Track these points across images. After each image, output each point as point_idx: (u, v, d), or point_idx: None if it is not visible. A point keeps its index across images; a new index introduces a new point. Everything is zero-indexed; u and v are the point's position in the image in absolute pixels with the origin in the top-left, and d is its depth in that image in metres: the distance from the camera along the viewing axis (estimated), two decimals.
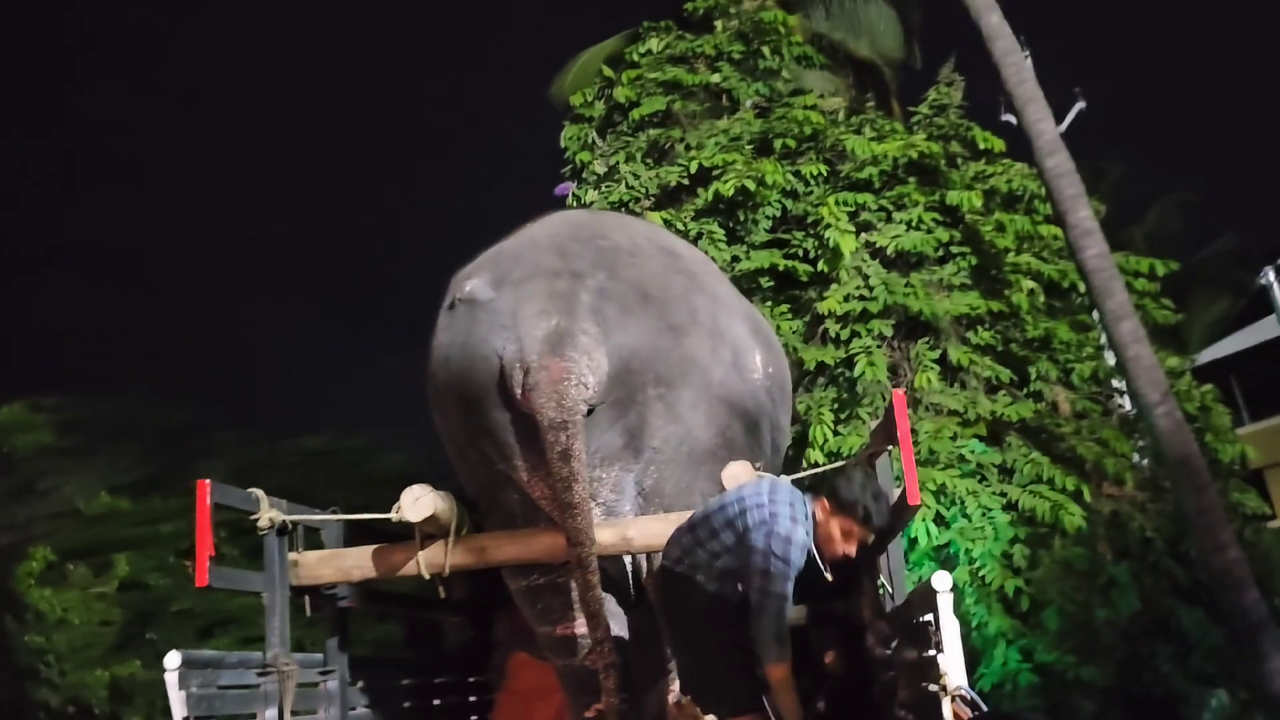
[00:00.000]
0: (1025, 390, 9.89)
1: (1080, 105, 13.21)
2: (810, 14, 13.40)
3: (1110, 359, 10.40)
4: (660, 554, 4.39)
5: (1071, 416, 9.87)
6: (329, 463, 23.50)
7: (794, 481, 4.52)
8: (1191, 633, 9.01)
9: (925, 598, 3.50)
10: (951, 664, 3.40)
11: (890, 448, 4.31)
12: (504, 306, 4.15)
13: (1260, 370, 14.79)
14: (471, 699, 6.01)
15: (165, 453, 26.39)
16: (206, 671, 3.75)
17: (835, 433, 9.25)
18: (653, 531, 4.18)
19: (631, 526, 4.20)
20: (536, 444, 4.02)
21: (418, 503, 4.04)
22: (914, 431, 9.31)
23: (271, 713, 4.01)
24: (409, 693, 5.40)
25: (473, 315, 4.25)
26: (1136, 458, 9.93)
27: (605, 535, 4.08)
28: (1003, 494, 9.17)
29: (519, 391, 4.00)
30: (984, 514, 9.08)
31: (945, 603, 3.38)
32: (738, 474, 4.12)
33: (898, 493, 4.19)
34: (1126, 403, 10.51)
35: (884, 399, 9.63)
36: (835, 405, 9.51)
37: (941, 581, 3.40)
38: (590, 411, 4.00)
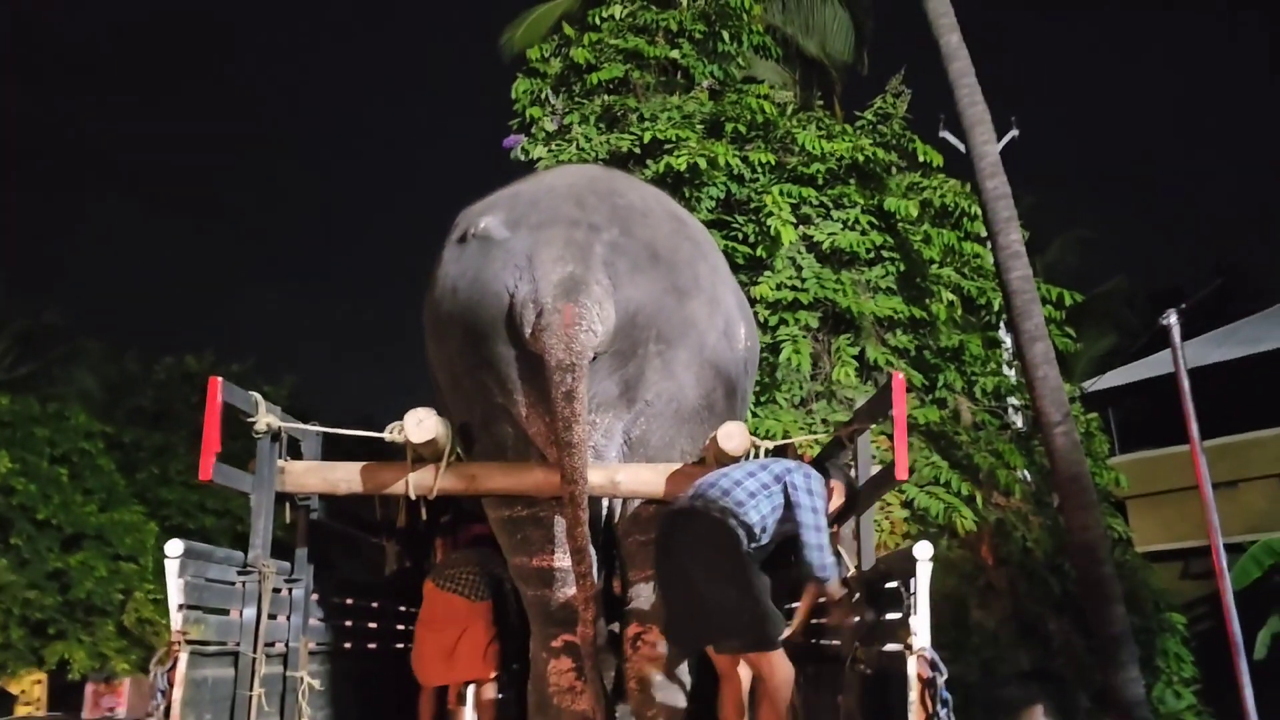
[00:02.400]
0: (932, 396, 10.35)
1: (1014, 133, 13.82)
2: (768, 4, 13.64)
3: (1012, 376, 11.00)
4: (638, 501, 4.60)
5: (971, 426, 10.39)
6: (206, 385, 22.95)
7: (770, 450, 4.79)
8: (1056, 639, 9.64)
9: (903, 564, 3.76)
10: (920, 627, 3.68)
11: (872, 426, 4.56)
12: (519, 247, 4.24)
13: (1136, 406, 15.76)
14: (399, 627, 6.11)
15: (33, 353, 25.42)
16: (199, 563, 3.79)
17: (754, 414, 9.53)
18: (640, 478, 4.37)
19: (621, 471, 4.37)
20: (538, 382, 4.14)
21: (421, 425, 4.11)
22: (825, 421, 9.74)
23: (249, 611, 4.08)
24: (356, 613, 5.49)
25: (486, 251, 4.33)
26: (1025, 474, 10.53)
27: (595, 477, 4.23)
28: (901, 491, 9.61)
29: (528, 330, 4.10)
30: (882, 508, 9.51)
31: (924, 570, 3.65)
32: (732, 433, 4.32)
33: (876, 468, 4.48)
34: (1020, 420, 11.12)
35: (801, 387, 10.01)
36: (756, 388, 9.80)
37: (923, 550, 3.66)
38: (593, 358, 4.16)
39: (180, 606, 3.66)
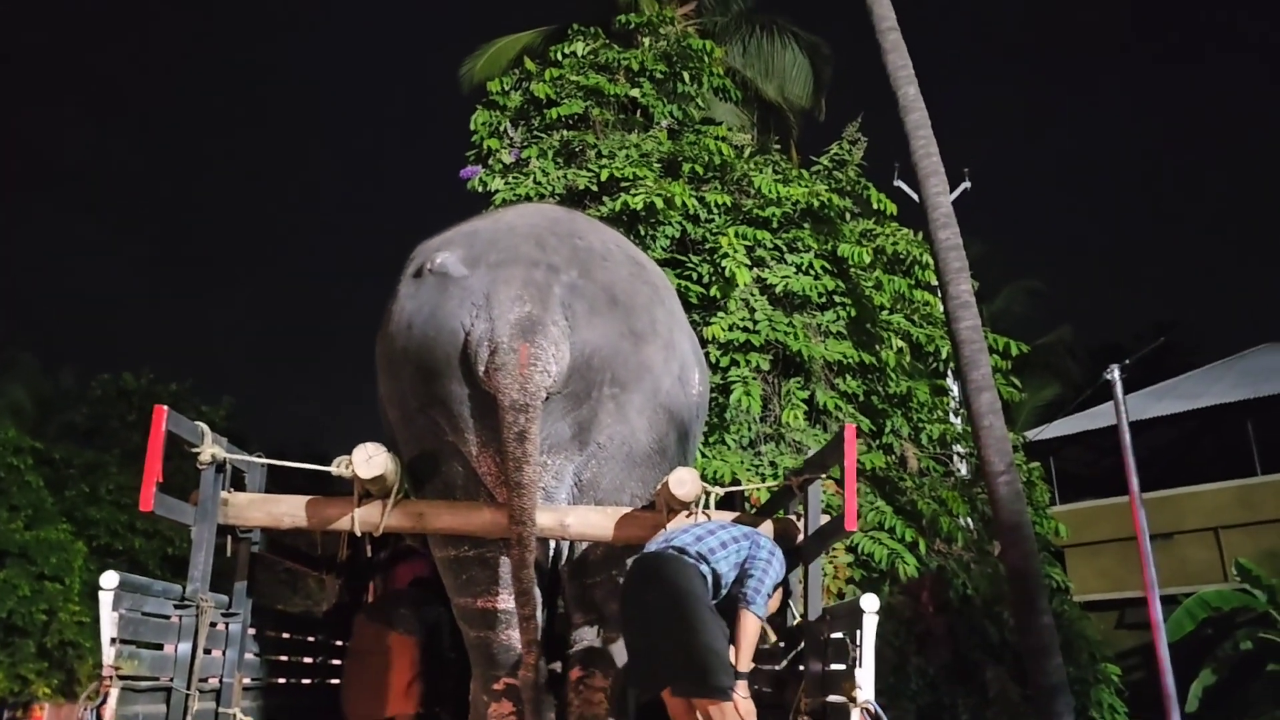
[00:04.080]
0: (879, 442, 10.42)
1: (966, 185, 14.05)
2: (728, 48, 13.78)
3: (958, 424, 11.10)
4: (586, 545, 4.57)
5: (916, 473, 10.47)
6: (143, 404, 22.55)
7: (724, 496, 4.77)
8: (992, 687, 9.68)
9: (849, 616, 3.76)
10: (865, 680, 3.68)
11: (824, 476, 4.57)
12: (477, 285, 4.22)
13: (1075, 457, 16.07)
14: (335, 662, 5.99)
15: None
16: (135, 596, 3.67)
17: (702, 454, 9.52)
18: (589, 521, 4.33)
19: (571, 514, 4.33)
20: (490, 421, 4.11)
21: (370, 461, 4.03)
22: (773, 464, 9.76)
23: (184, 646, 3.95)
24: (291, 647, 5.37)
25: (443, 288, 4.29)
26: (968, 521, 10.61)
27: (544, 519, 4.19)
28: (847, 538, 9.64)
29: (482, 369, 4.06)
30: (826, 552, 9.52)
31: (870, 623, 3.66)
32: (684, 479, 4.28)
33: (826, 518, 4.48)
34: (964, 467, 11.23)
35: (750, 429, 10.03)
36: (705, 428, 9.79)
37: (870, 603, 3.67)
38: (547, 399, 4.12)
39: (113, 640, 3.53)
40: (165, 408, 3.87)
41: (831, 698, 3.90)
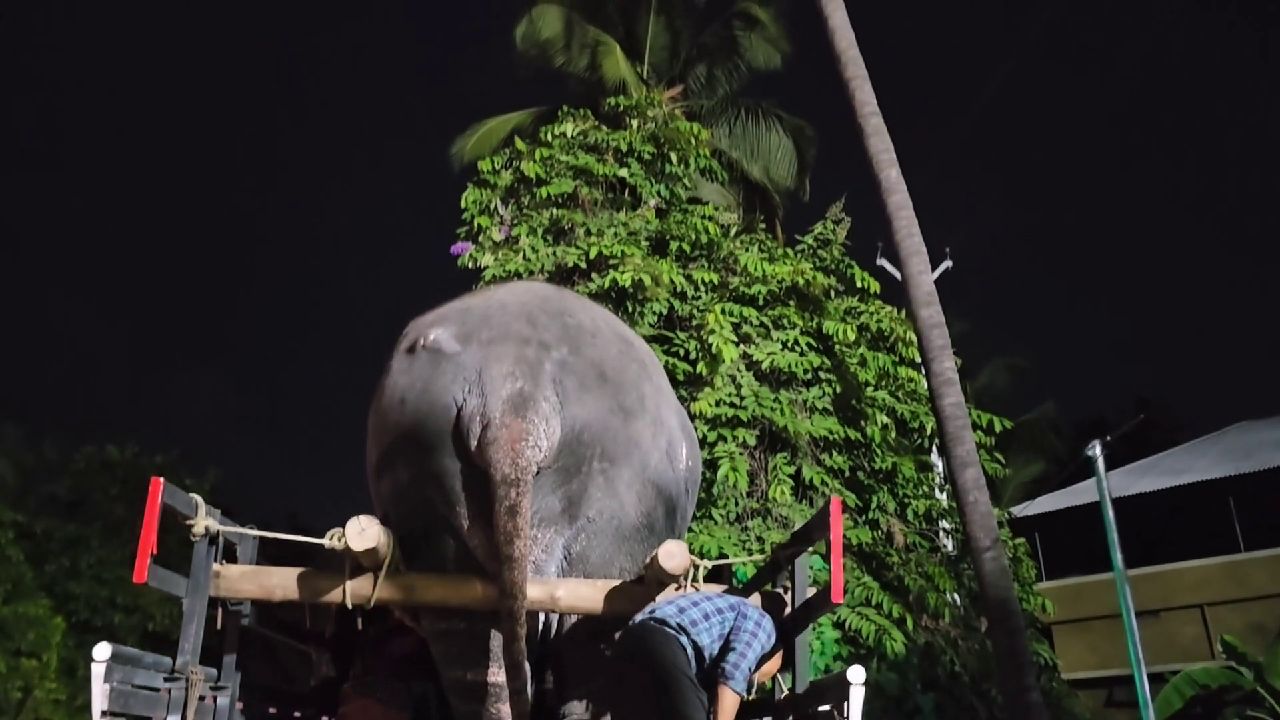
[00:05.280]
0: (865, 517, 10.46)
1: (948, 264, 14.29)
2: (715, 130, 14.10)
3: (943, 499, 11.16)
4: (575, 618, 4.60)
5: (903, 548, 10.49)
6: (128, 476, 22.40)
7: (714, 569, 4.82)
8: None
9: (836, 688, 3.80)
10: None
11: (811, 549, 4.62)
12: (470, 362, 4.33)
13: (1062, 533, 16.09)
14: None
15: None
16: (127, 668, 3.69)
17: (690, 530, 9.54)
18: (580, 594, 4.38)
19: (561, 586, 4.39)
20: (482, 495, 4.18)
21: (364, 533, 4.07)
22: (760, 539, 9.78)
23: (172, 719, 3.96)
24: None
25: (436, 364, 4.40)
26: (955, 597, 10.61)
27: (535, 591, 4.24)
28: (834, 612, 9.63)
29: (474, 444, 4.16)
30: (814, 627, 9.51)
31: (857, 695, 3.70)
32: (673, 552, 4.34)
33: (813, 590, 4.53)
34: (950, 543, 11.26)
35: (737, 504, 10.07)
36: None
37: (856, 675, 3.72)
38: (537, 474, 4.19)
39: (103, 714, 3.55)
40: (161, 480, 3.93)
41: None
